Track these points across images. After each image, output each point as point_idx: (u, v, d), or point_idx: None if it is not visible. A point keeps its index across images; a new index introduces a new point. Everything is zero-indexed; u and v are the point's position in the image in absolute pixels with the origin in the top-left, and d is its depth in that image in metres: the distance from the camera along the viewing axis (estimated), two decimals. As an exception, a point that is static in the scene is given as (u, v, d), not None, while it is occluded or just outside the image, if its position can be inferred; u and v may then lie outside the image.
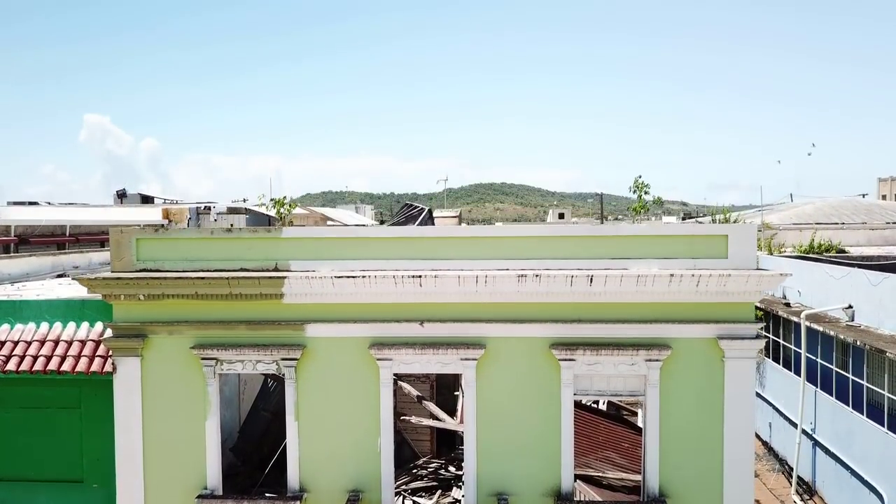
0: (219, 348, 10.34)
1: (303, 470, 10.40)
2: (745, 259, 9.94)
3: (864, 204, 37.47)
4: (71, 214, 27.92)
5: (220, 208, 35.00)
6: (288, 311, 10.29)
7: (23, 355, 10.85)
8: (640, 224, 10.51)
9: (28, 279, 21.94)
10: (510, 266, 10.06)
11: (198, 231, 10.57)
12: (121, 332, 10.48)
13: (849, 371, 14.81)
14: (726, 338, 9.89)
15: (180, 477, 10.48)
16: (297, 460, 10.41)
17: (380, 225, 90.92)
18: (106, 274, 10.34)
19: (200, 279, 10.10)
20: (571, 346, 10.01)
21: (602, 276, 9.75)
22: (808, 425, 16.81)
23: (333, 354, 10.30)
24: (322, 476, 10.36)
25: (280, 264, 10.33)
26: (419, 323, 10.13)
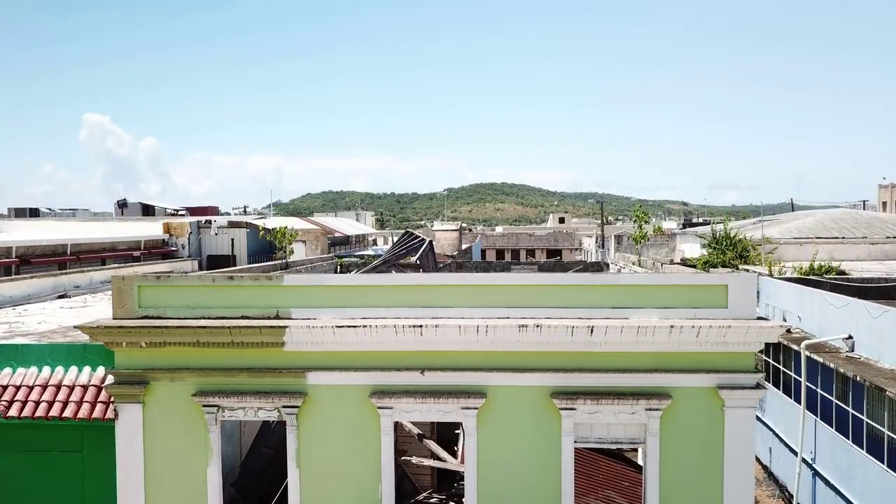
0: (220, 395, 10.38)
1: None
2: (745, 309, 9.97)
3: (865, 217, 37.45)
4: (72, 233, 27.98)
5: (220, 222, 35.05)
6: (289, 359, 10.33)
7: (25, 400, 10.88)
8: (640, 273, 10.51)
9: (30, 301, 22.06)
10: (511, 314, 10.10)
11: (199, 278, 10.59)
12: (122, 379, 10.52)
13: (849, 404, 14.84)
14: (726, 387, 9.92)
15: (182, 523, 10.51)
16: (299, 496, 10.44)
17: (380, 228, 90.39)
18: (108, 322, 10.37)
19: (202, 328, 10.14)
20: (572, 395, 10.05)
21: (602, 327, 9.78)
22: (808, 454, 16.84)
23: (334, 402, 10.34)
24: (323, 523, 10.39)
25: (281, 312, 10.37)
26: (420, 372, 10.16)
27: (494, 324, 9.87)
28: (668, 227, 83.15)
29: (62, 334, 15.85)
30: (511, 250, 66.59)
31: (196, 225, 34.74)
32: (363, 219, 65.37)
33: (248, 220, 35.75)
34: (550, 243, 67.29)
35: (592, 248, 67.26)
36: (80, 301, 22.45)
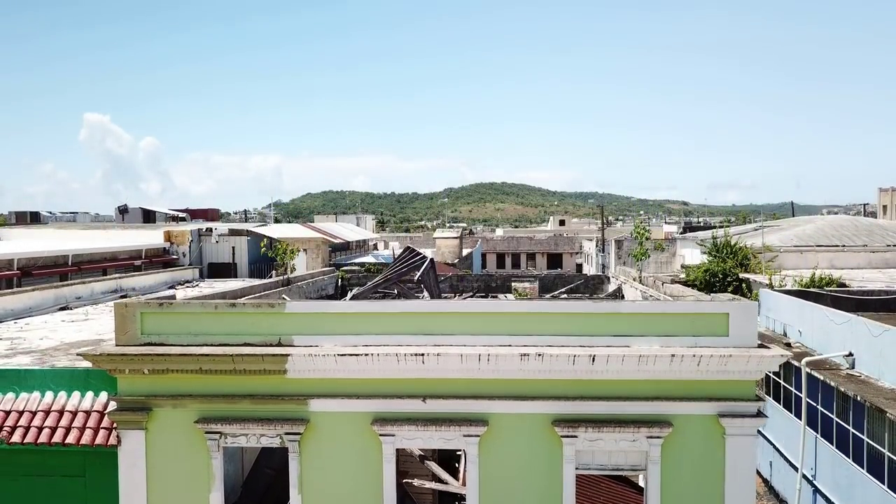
0: (223, 422, 10.41)
1: (306, 542, 10.45)
2: (746, 337, 10.00)
3: (865, 224, 37.48)
4: (73, 243, 27.99)
5: (221, 230, 35.07)
6: (291, 386, 10.35)
7: (28, 426, 10.91)
8: (640, 302, 10.54)
9: (31, 313, 22.06)
10: (512, 342, 10.13)
11: (201, 305, 10.62)
12: (125, 406, 10.56)
13: (849, 423, 14.87)
14: (727, 415, 9.95)
15: (184, 549, 10.54)
16: (301, 532, 10.47)
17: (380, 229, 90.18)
18: (110, 349, 10.40)
19: (205, 356, 10.16)
20: (573, 422, 10.07)
21: (604, 356, 9.81)
22: (809, 471, 16.88)
23: (336, 429, 10.36)
24: (325, 549, 10.42)
25: (283, 339, 10.40)
26: (421, 399, 10.19)
27: (496, 352, 9.89)
28: (669, 231, 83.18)
29: (64, 352, 15.88)
30: (511, 254, 66.63)
31: (197, 233, 34.78)
32: (364, 223, 65.26)
33: (249, 227, 35.76)
34: (551, 247, 67.30)
35: (593, 251, 67.27)
36: (82, 313, 22.46)
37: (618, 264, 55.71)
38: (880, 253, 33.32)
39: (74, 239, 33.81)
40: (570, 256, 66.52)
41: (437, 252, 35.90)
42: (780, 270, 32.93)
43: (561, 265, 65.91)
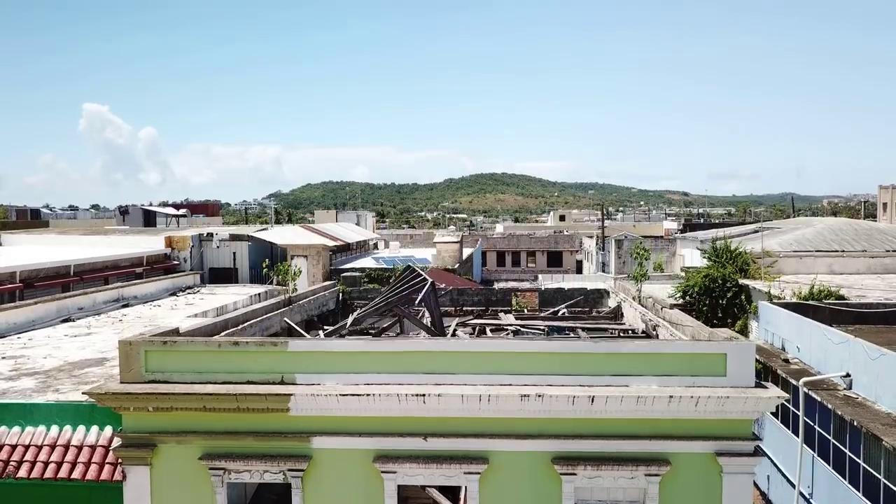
0: (226, 459, 10.55)
1: (309, 576, 10.61)
2: (744, 377, 10.12)
3: (865, 228, 37.56)
4: (74, 253, 28.07)
5: (222, 235, 35.17)
6: (294, 424, 10.48)
7: (34, 460, 11.05)
8: (638, 342, 10.65)
9: (34, 326, 22.19)
10: (513, 381, 10.25)
11: (205, 344, 10.74)
12: (130, 442, 10.69)
13: (845, 445, 15.03)
14: (724, 454, 10.09)
15: (189, 583, 10.71)
16: (304, 566, 10.62)
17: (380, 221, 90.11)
18: (115, 388, 10.52)
19: (209, 395, 10.29)
20: (573, 460, 10.21)
21: (603, 397, 9.93)
22: (806, 488, 17.05)
23: (339, 466, 10.51)
24: (328, 583, 10.58)
25: (286, 377, 10.52)
26: (423, 437, 10.32)
27: (497, 393, 10.02)
28: (669, 228, 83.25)
29: (67, 373, 16.03)
30: (511, 252, 66.78)
31: (198, 238, 34.87)
32: (364, 220, 65.44)
33: (250, 230, 35.84)
34: (551, 245, 67.44)
35: (592, 249, 67.40)
36: (85, 325, 22.61)
37: (618, 263, 55.90)
38: (879, 258, 33.39)
39: (76, 245, 33.92)
40: (570, 254, 66.64)
41: (437, 256, 35.99)
42: (780, 276, 33.06)
43: (561, 263, 66.04)
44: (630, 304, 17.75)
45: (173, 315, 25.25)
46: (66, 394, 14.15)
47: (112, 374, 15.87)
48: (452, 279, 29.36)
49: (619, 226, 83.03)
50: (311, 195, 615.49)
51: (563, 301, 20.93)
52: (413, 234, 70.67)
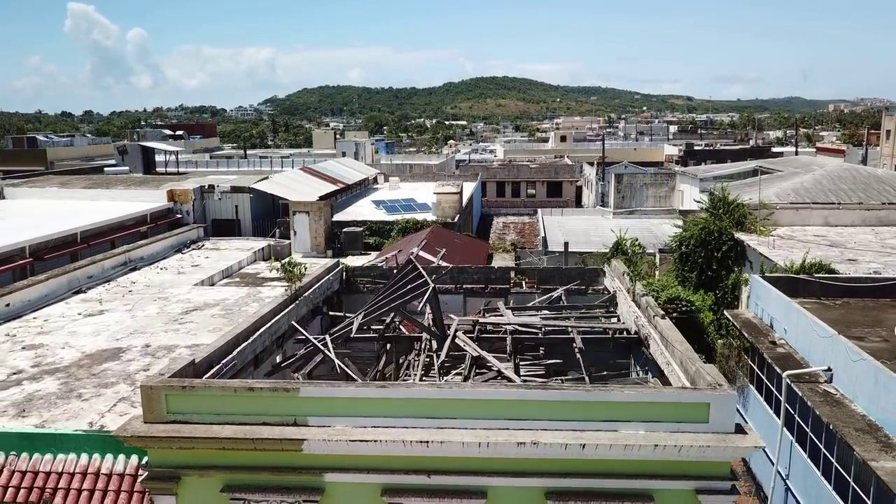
0: (245, 491, 11.45)
1: (324, 590, 11.76)
2: (725, 424, 10.88)
3: (864, 176, 37.66)
4: (80, 221, 28.38)
5: (223, 187, 35.38)
6: (307, 461, 11.32)
7: (68, 488, 11.98)
8: (629, 391, 11.32)
9: (48, 301, 22.90)
10: (510, 426, 11.02)
11: (221, 388, 11.43)
12: (155, 475, 11.57)
13: (821, 440, 16.03)
14: (704, 492, 10.98)
15: None
16: (319, 582, 11.75)
17: (377, 132, 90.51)
18: (140, 432, 11.27)
19: (227, 438, 11.08)
20: (564, 495, 11.12)
21: (593, 445, 10.72)
22: (784, 469, 18.26)
23: (349, 498, 11.44)
24: None
25: (299, 419, 11.28)
26: (426, 475, 11.20)
27: (494, 440, 10.80)
28: (670, 154, 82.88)
29: (87, 370, 16.89)
30: (511, 183, 66.79)
31: (199, 191, 35.13)
32: (363, 149, 65.20)
33: (250, 182, 36.01)
34: (551, 175, 67.38)
35: (593, 178, 67.40)
36: (96, 299, 23.32)
37: (617, 198, 56.19)
38: (874, 211, 33.78)
39: (78, 201, 34.19)
40: (569, 185, 66.74)
41: (437, 206, 36.29)
42: (776, 227, 33.55)
43: (561, 193, 66.24)
44: (625, 296, 18.37)
45: (181, 282, 25.97)
46: (89, 400, 15.08)
47: (129, 371, 16.77)
48: (452, 239, 29.85)
49: (621, 150, 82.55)
50: (308, 100, 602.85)
51: (560, 280, 21.52)
52: (413, 163, 70.51)
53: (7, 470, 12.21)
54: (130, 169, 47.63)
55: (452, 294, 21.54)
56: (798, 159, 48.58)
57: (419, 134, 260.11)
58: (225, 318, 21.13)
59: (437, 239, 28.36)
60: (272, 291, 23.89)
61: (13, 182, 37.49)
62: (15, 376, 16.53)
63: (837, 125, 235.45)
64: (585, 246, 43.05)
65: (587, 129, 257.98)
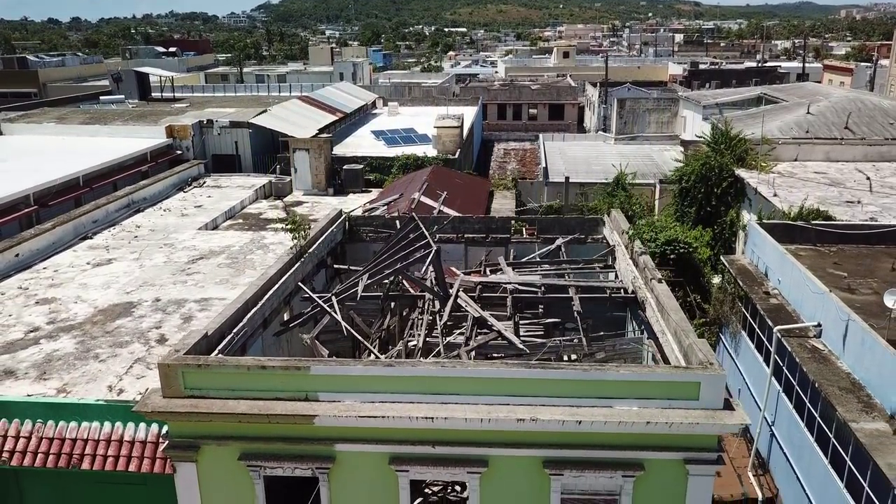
0: (261, 459, 12.21)
1: (337, 546, 12.73)
2: (714, 401, 11.49)
3: (868, 108, 37.09)
4: (81, 164, 28.31)
5: (222, 122, 35.06)
6: (319, 432, 12.00)
7: (94, 454, 12.73)
8: (624, 371, 11.84)
9: (55, 249, 23.27)
10: (510, 402, 11.64)
11: (235, 367, 11.97)
12: (176, 444, 12.29)
13: (806, 394, 16.76)
14: (691, 462, 11.72)
15: (238, 550, 12.85)
16: (332, 538, 12.71)
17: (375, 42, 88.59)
18: (160, 406, 11.88)
19: (242, 413, 11.71)
20: (560, 464, 11.88)
21: (588, 421, 11.36)
22: (770, 416, 19.14)
23: (359, 466, 12.21)
24: (353, 550, 12.73)
25: (310, 395, 11.90)
26: (431, 445, 11.91)
27: (495, 415, 11.44)
28: (674, 73, 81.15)
29: (101, 327, 17.45)
30: (512, 104, 65.73)
31: (198, 125, 34.84)
32: (360, 70, 63.85)
33: (248, 117, 35.61)
34: (553, 97, 66.23)
35: (595, 99, 66.40)
36: (103, 246, 23.70)
37: (619, 123, 55.61)
38: (877, 147, 33.64)
39: (77, 137, 33.95)
40: (571, 107, 65.79)
41: (437, 141, 36.06)
42: (777, 163, 33.53)
43: (563, 116, 65.40)
44: (623, 253, 18.73)
45: (185, 225, 26.28)
46: (106, 361, 15.71)
47: (141, 328, 17.35)
48: (452, 179, 29.90)
49: (625, 69, 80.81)
50: (302, 6, 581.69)
51: (560, 230, 21.80)
52: (412, 82, 69.20)
53: (35, 437, 12.94)
54: (126, 96, 46.90)
55: (454, 244, 21.90)
56: (804, 87, 47.73)
57: (418, 43, 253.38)
58: (231, 267, 21.58)
59: (438, 180, 28.43)
60: (276, 237, 24.20)
61: (9, 116, 37.09)
62: (32, 334, 17.11)
63: (848, 34, 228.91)
64: (586, 176, 43.07)
65: (590, 37, 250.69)
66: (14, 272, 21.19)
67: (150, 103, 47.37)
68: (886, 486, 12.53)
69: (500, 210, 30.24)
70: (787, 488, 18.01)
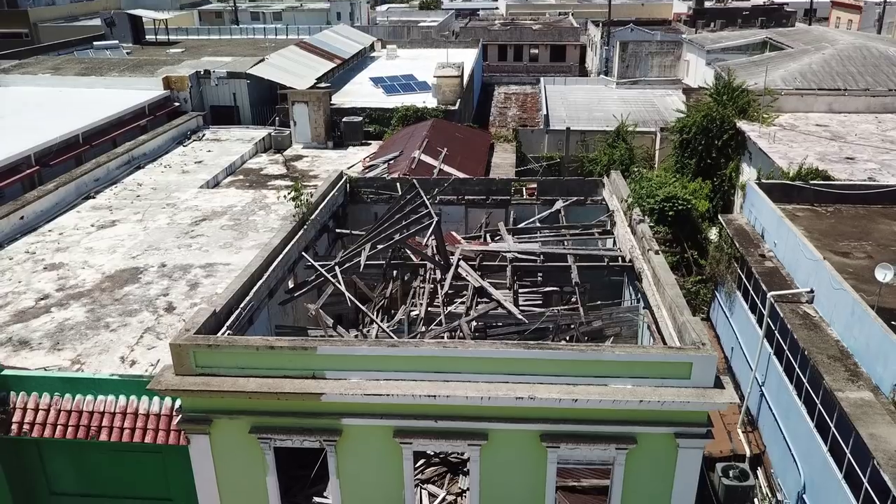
0: (271, 432, 12.78)
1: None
2: (705, 380, 11.97)
3: (874, 56, 36.54)
4: (81, 121, 28.15)
5: (220, 73, 34.63)
6: (326, 407, 12.52)
7: (111, 426, 13.32)
8: (619, 350, 12.26)
9: (59, 210, 23.49)
10: (510, 380, 12.12)
11: (244, 346, 12.38)
12: (189, 418, 12.84)
13: (796, 360, 17.29)
14: (682, 436, 12.29)
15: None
16: (340, 501, 13.42)
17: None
18: (172, 384, 12.35)
19: (252, 392, 12.21)
20: (557, 437, 12.45)
21: (584, 399, 11.87)
22: (761, 376, 19.75)
23: (365, 438, 12.79)
24: (360, 514, 13.47)
25: (317, 373, 12.37)
26: (434, 420, 12.46)
27: (495, 394, 11.93)
28: (678, 12, 79.23)
29: (109, 294, 17.85)
30: (513, 46, 64.46)
31: (196, 76, 34.43)
32: (358, 10, 62.26)
33: (246, 67, 35.16)
34: (555, 38, 64.86)
35: (597, 39, 65.12)
36: (106, 208, 23.89)
37: (621, 67, 54.82)
38: (880, 97, 33.39)
39: (72, 89, 33.58)
40: (573, 49, 64.62)
41: (437, 90, 35.70)
42: (779, 114, 33.36)
43: (564, 58, 64.33)
44: (622, 219, 18.96)
45: (186, 183, 26.41)
46: (117, 331, 16.18)
47: (149, 295, 17.76)
48: (453, 133, 29.80)
49: (628, 6, 78.74)
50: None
51: (560, 191, 21.97)
52: (411, 20, 67.60)
53: (53, 409, 13.50)
54: (119, 40, 46.09)
55: (454, 205, 22.09)
56: (810, 32, 46.84)
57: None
58: (234, 230, 21.85)
59: (438, 135, 28.38)
60: (277, 196, 24.28)
61: (3, 66, 36.57)
62: (43, 302, 17.53)
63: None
64: (587, 123, 42.81)
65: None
66: (20, 235, 21.46)
67: (145, 47, 46.65)
68: (867, 456, 13.15)
69: (500, 165, 30.26)
70: (773, 446, 18.78)
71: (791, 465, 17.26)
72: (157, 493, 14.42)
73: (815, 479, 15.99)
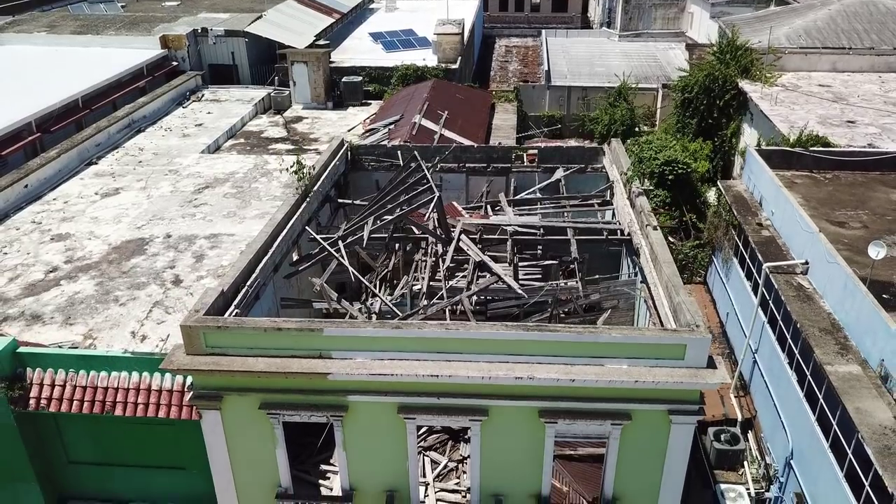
0: (280, 408, 13.28)
1: (351, 477, 14.07)
2: (698, 361, 12.40)
3: (881, 13, 35.89)
4: (80, 84, 27.93)
5: (217, 31, 34.17)
6: (333, 385, 12.99)
7: (125, 401, 13.81)
8: (616, 332, 12.64)
9: (62, 177, 23.63)
10: (510, 360, 12.55)
11: (253, 328, 12.75)
12: (200, 395, 13.32)
13: (788, 330, 17.72)
14: (675, 413, 12.79)
15: (262, 483, 14.21)
16: (347, 471, 14.03)
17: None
18: (184, 363, 12.78)
19: (261, 371, 12.65)
20: (555, 413, 12.95)
21: (581, 379, 12.32)
22: (754, 344, 20.24)
23: (370, 414, 13.29)
24: (366, 482, 14.08)
25: (324, 353, 12.79)
26: (436, 397, 12.94)
27: (495, 373, 12.38)
28: None
29: (117, 267, 18.19)
30: None
31: (193, 35, 33.99)
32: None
33: (244, 25, 34.65)
34: (557, -10, 63.65)
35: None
36: (109, 174, 24.01)
37: (624, 19, 53.93)
38: (884, 56, 33.06)
39: (69, 47, 33.16)
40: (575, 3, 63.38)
41: (437, 48, 35.29)
42: (781, 74, 33.11)
43: (566, 8, 63.15)
44: (622, 191, 19.13)
45: (187, 148, 26.46)
46: (126, 305, 16.59)
47: (156, 268, 18.10)
48: (454, 95, 29.64)
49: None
50: None
51: (560, 160, 22.06)
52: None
53: (69, 385, 13.97)
54: (113, -8, 45.22)
55: (455, 173, 22.24)
56: None
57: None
58: (237, 198, 22.05)
59: (439, 97, 28.25)
60: (279, 164, 24.35)
61: None
62: (52, 275, 17.88)
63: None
64: (589, 78, 42.45)
65: None
66: (25, 204, 21.67)
67: (140, 1, 45.77)
68: (853, 429, 13.70)
69: (501, 126, 30.20)
70: (764, 412, 19.42)
71: (780, 432, 17.90)
72: (170, 462, 15.03)
73: (803, 446, 16.63)
